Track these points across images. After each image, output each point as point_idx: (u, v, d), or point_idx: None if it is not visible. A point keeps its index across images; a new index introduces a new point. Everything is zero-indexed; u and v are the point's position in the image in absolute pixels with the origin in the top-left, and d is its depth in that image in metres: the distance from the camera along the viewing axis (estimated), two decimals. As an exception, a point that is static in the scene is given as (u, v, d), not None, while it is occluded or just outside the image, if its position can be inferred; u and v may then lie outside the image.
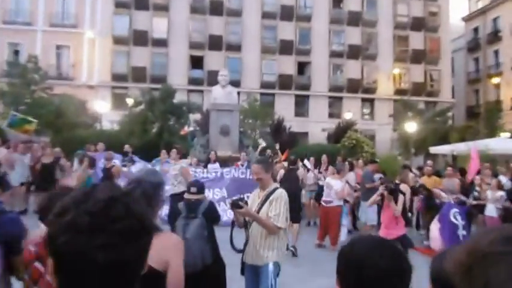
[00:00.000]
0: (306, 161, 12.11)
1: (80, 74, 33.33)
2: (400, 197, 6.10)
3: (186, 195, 4.44)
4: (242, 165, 11.37)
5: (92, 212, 0.87)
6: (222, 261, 4.09)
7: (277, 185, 3.80)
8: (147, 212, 0.95)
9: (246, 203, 3.59)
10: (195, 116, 25.11)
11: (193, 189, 4.28)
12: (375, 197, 6.31)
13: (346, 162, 12.23)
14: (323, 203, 8.79)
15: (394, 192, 6.01)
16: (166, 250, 2.07)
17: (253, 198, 3.91)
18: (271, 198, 3.68)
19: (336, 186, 8.56)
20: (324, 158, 12.02)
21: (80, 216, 0.86)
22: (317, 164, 12.35)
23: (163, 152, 13.14)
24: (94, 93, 31.84)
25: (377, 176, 9.65)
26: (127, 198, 0.93)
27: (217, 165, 11.49)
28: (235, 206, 3.51)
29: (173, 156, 8.34)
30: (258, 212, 3.72)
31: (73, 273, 0.85)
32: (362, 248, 1.23)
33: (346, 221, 8.94)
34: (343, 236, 8.67)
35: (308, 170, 11.55)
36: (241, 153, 12.20)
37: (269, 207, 3.65)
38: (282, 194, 3.68)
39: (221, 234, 4.12)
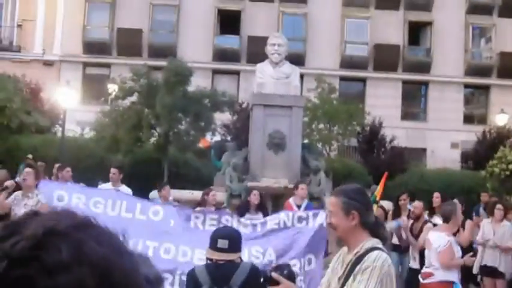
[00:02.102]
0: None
1: (31, 41, 34.35)
2: None
3: (209, 254, 4.47)
4: (299, 207, 11.27)
5: (13, 257, 0.84)
6: None
7: (375, 242, 3.66)
8: (123, 259, 0.91)
9: (291, 273, 3.52)
10: (224, 117, 25.33)
11: (222, 243, 4.31)
12: None
13: (484, 203, 11.92)
14: (420, 279, 8.74)
15: None
16: None
17: (333, 266, 3.84)
18: (357, 269, 3.57)
19: (437, 242, 8.41)
20: (436, 198, 12.01)
21: None
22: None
23: (167, 188, 13.07)
24: (53, 74, 32.75)
25: None
26: (81, 233, 0.89)
27: (260, 216, 11.44)
28: (265, 279, 3.47)
29: (28, 181, 8.50)
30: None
31: None
32: None
33: None
34: None
35: (385, 215, 11.38)
36: (299, 184, 12.03)
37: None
38: (377, 262, 3.51)
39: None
